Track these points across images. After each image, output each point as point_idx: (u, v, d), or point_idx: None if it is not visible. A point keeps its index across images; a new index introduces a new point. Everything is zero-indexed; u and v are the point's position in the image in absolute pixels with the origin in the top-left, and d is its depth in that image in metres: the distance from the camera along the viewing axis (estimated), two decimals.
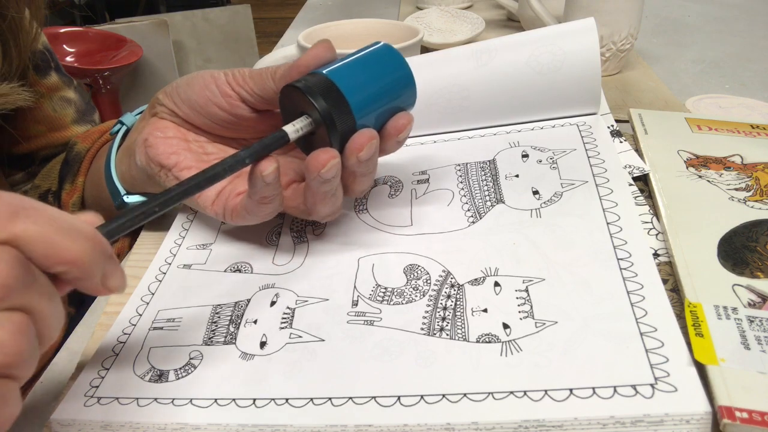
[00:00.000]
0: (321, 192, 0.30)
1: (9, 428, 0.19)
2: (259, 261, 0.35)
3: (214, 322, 0.31)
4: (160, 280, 0.34)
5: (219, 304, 0.32)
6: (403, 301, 0.30)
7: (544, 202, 0.34)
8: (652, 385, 0.23)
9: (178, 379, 0.28)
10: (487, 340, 0.27)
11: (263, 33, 2.39)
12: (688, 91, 0.56)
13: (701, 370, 0.24)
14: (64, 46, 1.64)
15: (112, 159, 0.39)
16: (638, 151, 0.40)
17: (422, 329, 0.28)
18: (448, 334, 0.28)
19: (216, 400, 0.26)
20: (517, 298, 0.29)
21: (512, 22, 0.82)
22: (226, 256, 0.36)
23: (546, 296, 0.28)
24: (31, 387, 0.30)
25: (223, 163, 0.27)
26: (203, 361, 0.29)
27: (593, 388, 0.24)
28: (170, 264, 0.36)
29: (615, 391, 0.23)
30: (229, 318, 0.31)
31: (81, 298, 0.28)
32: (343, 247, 0.35)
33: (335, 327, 0.29)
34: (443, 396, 0.25)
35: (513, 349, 0.26)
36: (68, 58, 1.62)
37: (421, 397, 0.25)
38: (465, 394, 0.24)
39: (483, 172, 0.38)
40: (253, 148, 0.28)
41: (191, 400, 0.27)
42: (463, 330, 0.28)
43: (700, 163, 0.38)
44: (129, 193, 0.38)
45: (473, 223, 0.34)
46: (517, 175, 0.37)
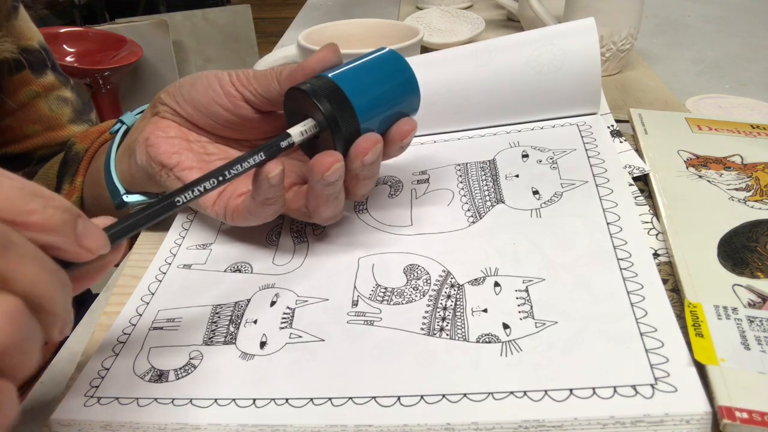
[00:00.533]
0: (324, 195, 0.30)
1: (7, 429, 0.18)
2: (259, 261, 0.35)
3: (214, 322, 0.31)
4: (160, 280, 0.34)
5: (219, 304, 0.32)
6: (403, 301, 0.30)
7: (544, 202, 0.34)
8: (652, 386, 0.23)
9: (178, 379, 0.28)
10: (487, 340, 0.27)
11: (263, 33, 2.39)
12: (688, 91, 0.56)
13: (701, 370, 0.24)
14: (64, 46, 1.64)
15: (112, 158, 0.39)
16: (638, 151, 0.40)
17: (422, 329, 0.28)
18: (448, 334, 0.28)
19: (216, 400, 0.26)
20: (517, 298, 0.29)
21: (512, 22, 0.82)
22: (226, 256, 0.36)
23: (546, 296, 0.28)
24: (31, 387, 0.30)
25: (225, 170, 0.27)
26: (203, 361, 0.29)
27: (593, 389, 0.24)
28: (170, 264, 0.36)
29: (615, 392, 0.23)
30: (229, 318, 0.31)
31: (81, 298, 0.27)
32: (343, 247, 0.35)
33: (335, 327, 0.29)
34: (443, 396, 0.25)
35: (513, 349, 0.26)
36: (68, 58, 1.62)
37: (421, 397, 0.25)
38: (465, 394, 0.24)
39: (483, 172, 0.38)
40: (260, 152, 0.28)
41: (191, 400, 0.27)
42: (463, 330, 0.28)
43: (700, 163, 0.38)
44: (129, 192, 0.38)
45: (473, 223, 0.34)
46: (517, 175, 0.37)
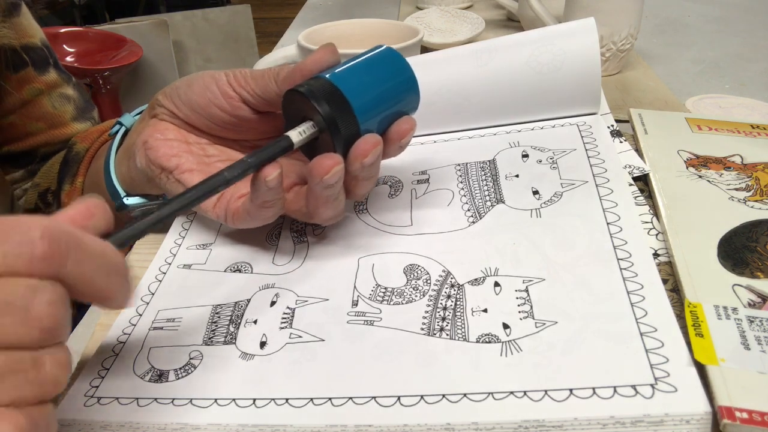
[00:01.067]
0: (324, 196, 0.30)
1: None
2: (259, 261, 0.35)
3: (214, 322, 0.31)
4: (160, 280, 0.34)
5: (219, 304, 0.32)
6: (403, 301, 0.30)
7: (544, 202, 0.34)
8: (652, 386, 0.23)
9: (178, 379, 0.28)
10: (487, 340, 0.27)
11: (263, 33, 2.39)
12: (688, 91, 0.56)
13: (701, 370, 0.24)
14: (64, 46, 1.64)
15: (111, 161, 0.39)
16: (638, 151, 0.40)
17: (422, 329, 0.28)
18: (448, 334, 0.28)
19: (216, 400, 0.26)
20: (517, 298, 0.29)
21: (512, 22, 0.82)
22: (226, 256, 0.36)
23: (546, 296, 0.28)
24: None
25: (225, 174, 0.27)
26: (203, 361, 0.29)
27: (593, 389, 0.24)
28: (170, 264, 0.36)
29: (615, 392, 0.23)
30: (229, 318, 0.31)
31: None
32: (343, 247, 0.35)
33: (335, 327, 0.29)
34: (443, 396, 0.25)
35: (513, 349, 0.26)
36: (68, 58, 1.62)
37: (421, 397, 0.25)
38: (465, 394, 0.24)
39: (483, 172, 0.38)
40: (258, 157, 0.28)
41: (191, 400, 0.27)
42: (463, 330, 0.28)
43: (700, 163, 0.38)
44: (129, 195, 0.38)
45: (473, 223, 0.34)
46: (517, 175, 0.37)
